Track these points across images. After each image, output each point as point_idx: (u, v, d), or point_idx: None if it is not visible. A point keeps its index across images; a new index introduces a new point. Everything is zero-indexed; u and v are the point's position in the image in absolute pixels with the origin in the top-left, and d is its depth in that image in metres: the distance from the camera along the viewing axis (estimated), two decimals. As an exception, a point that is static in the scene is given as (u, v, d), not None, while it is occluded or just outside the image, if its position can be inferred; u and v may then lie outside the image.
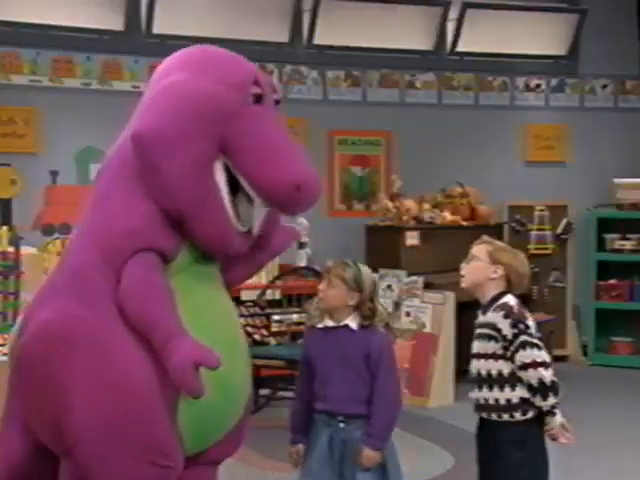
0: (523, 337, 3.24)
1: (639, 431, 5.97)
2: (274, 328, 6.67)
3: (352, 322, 3.32)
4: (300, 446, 3.40)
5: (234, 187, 3.05)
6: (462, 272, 3.44)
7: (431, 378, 6.58)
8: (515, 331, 3.24)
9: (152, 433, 2.92)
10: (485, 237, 3.55)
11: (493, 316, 3.30)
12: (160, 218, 2.98)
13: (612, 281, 8.09)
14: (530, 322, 3.29)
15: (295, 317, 6.18)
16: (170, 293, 2.93)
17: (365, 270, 3.39)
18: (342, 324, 3.33)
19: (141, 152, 2.97)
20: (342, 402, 3.30)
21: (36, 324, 2.98)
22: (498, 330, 3.27)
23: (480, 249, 3.41)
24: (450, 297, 6.71)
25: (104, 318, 2.92)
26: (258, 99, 3.06)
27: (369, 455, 3.25)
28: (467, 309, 6.95)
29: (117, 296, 2.92)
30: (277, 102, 3.22)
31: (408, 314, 6.76)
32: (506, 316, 3.27)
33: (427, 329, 6.72)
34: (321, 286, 3.37)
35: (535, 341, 3.25)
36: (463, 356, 6.89)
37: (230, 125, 2.96)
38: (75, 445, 2.90)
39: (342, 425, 3.31)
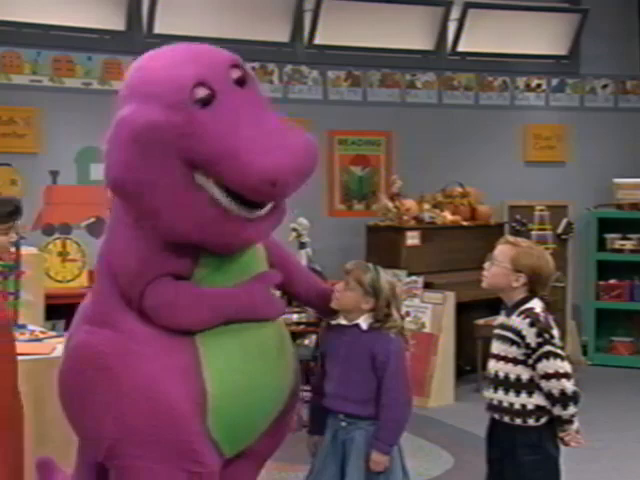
0: (547, 347, 3.20)
1: (639, 431, 5.97)
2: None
3: (363, 322, 3.32)
4: (316, 437, 3.43)
5: None
6: (485, 272, 3.38)
7: (431, 378, 6.58)
8: (540, 340, 3.21)
9: (182, 441, 2.96)
10: (509, 237, 3.50)
11: (518, 321, 3.26)
12: (164, 247, 2.98)
13: (612, 281, 8.10)
14: (555, 332, 3.25)
15: (295, 317, 6.16)
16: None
17: (384, 276, 3.36)
18: (353, 323, 3.33)
19: (124, 200, 2.99)
20: (342, 400, 3.31)
21: (70, 347, 3.13)
22: (522, 337, 3.23)
23: (504, 252, 3.32)
24: (450, 297, 6.72)
25: (129, 338, 3.01)
26: (207, 100, 2.86)
27: (377, 459, 3.26)
28: (467, 309, 6.99)
29: (146, 316, 3.01)
30: (240, 81, 2.97)
31: (408, 314, 6.75)
32: (532, 324, 3.22)
33: (427, 329, 6.72)
34: (338, 286, 3.36)
35: (559, 352, 3.23)
36: (463, 356, 6.95)
37: (186, 143, 2.83)
38: (110, 456, 3.01)
39: (344, 424, 3.32)
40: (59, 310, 5.67)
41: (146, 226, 2.98)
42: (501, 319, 3.39)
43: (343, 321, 3.36)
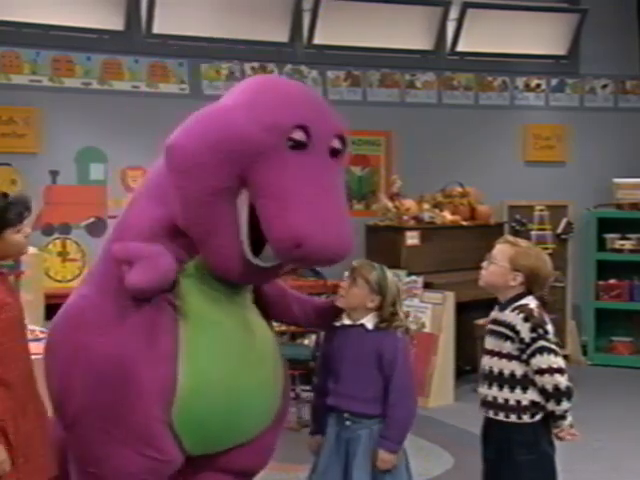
0: (541, 342, 3.21)
1: (639, 431, 5.97)
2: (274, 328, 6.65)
3: (368, 322, 3.33)
4: (318, 437, 3.43)
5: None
6: (482, 271, 3.39)
7: (431, 378, 6.58)
8: (534, 335, 3.21)
9: (143, 424, 2.97)
10: (508, 237, 3.50)
11: (512, 317, 3.27)
12: (171, 227, 3.01)
13: (612, 281, 8.10)
14: (549, 327, 3.26)
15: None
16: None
17: (390, 275, 3.39)
18: (358, 323, 3.34)
19: (168, 162, 3.01)
20: (349, 399, 3.32)
21: (63, 306, 3.19)
22: (516, 332, 3.24)
23: (502, 252, 3.33)
24: (450, 297, 6.72)
25: (116, 309, 3.02)
26: (299, 145, 2.92)
27: (384, 457, 3.27)
28: (467, 309, 6.98)
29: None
30: (335, 152, 3.03)
31: (408, 314, 6.74)
32: (526, 319, 3.23)
33: (427, 329, 6.72)
34: (344, 284, 3.37)
35: (553, 347, 3.23)
36: (463, 356, 6.94)
37: (255, 165, 2.88)
38: (72, 425, 3.03)
39: (348, 423, 3.33)
40: (59, 310, 5.67)
41: (168, 193, 3.01)
42: (494, 314, 3.40)
43: (347, 321, 3.37)
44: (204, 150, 2.90)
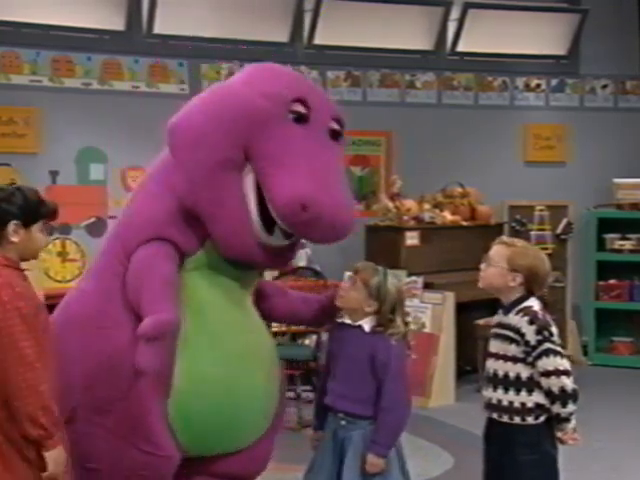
0: (547, 344, 3.21)
1: (639, 431, 5.97)
2: (274, 328, 6.64)
3: (366, 325, 3.33)
4: (320, 433, 3.44)
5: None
6: (481, 273, 3.39)
7: (431, 378, 6.58)
8: (539, 338, 3.21)
9: (140, 418, 2.98)
10: (504, 238, 3.50)
11: (517, 319, 3.26)
12: (180, 214, 3.03)
13: (612, 281, 8.10)
14: (554, 329, 3.25)
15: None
16: (168, 278, 2.98)
17: (392, 281, 3.38)
18: (356, 324, 3.35)
19: (171, 141, 3.03)
20: (343, 399, 3.33)
21: (64, 300, 3.25)
22: (522, 335, 3.23)
23: (499, 253, 3.33)
24: (450, 297, 6.72)
25: (113, 304, 3.04)
26: (300, 119, 2.99)
27: (373, 462, 3.27)
28: (467, 309, 6.98)
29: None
30: (335, 133, 3.09)
31: (408, 314, 6.74)
32: (531, 322, 3.22)
33: (427, 329, 6.71)
34: (344, 284, 3.38)
35: (558, 349, 3.23)
36: (463, 356, 6.94)
37: (259, 133, 2.92)
38: (70, 420, 3.00)
39: (343, 423, 3.33)
40: (59, 305, 5.67)
41: (173, 174, 3.03)
42: (499, 318, 3.39)
43: (347, 320, 3.37)
44: (208, 122, 2.95)
